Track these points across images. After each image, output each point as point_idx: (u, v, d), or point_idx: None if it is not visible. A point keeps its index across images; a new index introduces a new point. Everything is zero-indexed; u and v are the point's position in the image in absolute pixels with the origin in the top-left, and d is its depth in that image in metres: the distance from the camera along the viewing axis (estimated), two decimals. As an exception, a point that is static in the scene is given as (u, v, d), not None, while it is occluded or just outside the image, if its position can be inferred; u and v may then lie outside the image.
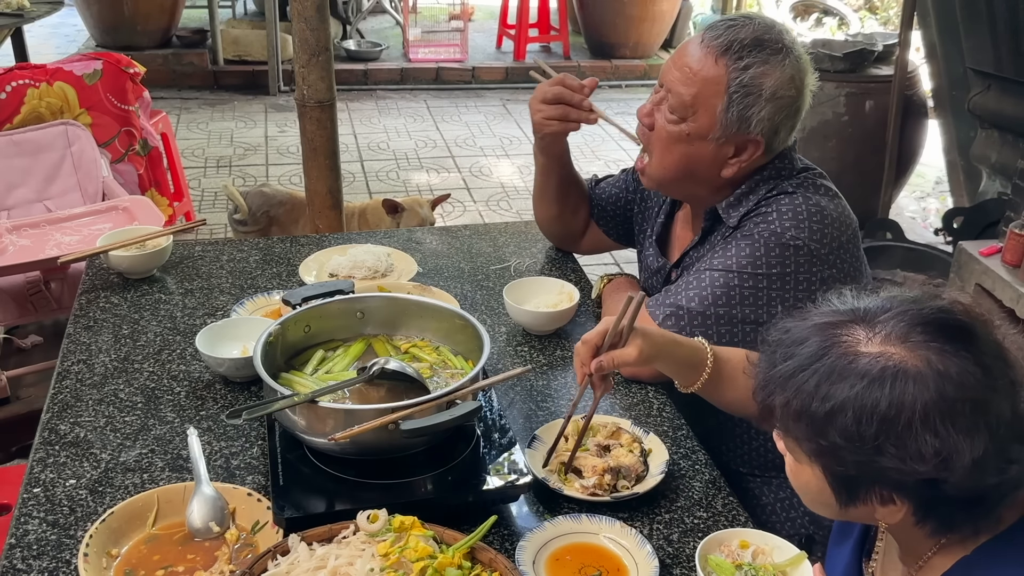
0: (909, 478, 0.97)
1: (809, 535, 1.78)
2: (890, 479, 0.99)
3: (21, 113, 3.28)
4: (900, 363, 0.97)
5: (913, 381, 0.96)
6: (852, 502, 1.04)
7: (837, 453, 0.99)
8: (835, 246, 1.65)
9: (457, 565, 1.16)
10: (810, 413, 1.00)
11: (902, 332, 1.00)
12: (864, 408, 0.96)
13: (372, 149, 6.11)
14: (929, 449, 0.95)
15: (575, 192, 2.10)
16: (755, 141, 1.65)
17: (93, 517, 1.35)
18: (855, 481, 1.02)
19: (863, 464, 0.98)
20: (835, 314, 1.05)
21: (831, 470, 1.03)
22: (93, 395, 1.66)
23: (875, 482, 1.00)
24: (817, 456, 1.03)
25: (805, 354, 1.02)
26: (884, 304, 1.04)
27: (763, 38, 1.61)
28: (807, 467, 1.06)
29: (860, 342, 1.01)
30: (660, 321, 1.68)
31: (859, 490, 1.02)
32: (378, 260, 2.09)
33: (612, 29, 7.73)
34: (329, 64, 2.99)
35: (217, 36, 7.16)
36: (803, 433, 1.02)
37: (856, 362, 0.99)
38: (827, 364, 1.00)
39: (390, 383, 1.45)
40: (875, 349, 0.99)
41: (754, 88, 1.60)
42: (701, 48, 1.63)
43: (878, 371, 0.97)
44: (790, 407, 1.02)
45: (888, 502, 1.02)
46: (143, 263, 2.08)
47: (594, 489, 1.42)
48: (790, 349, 1.04)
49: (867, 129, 4.54)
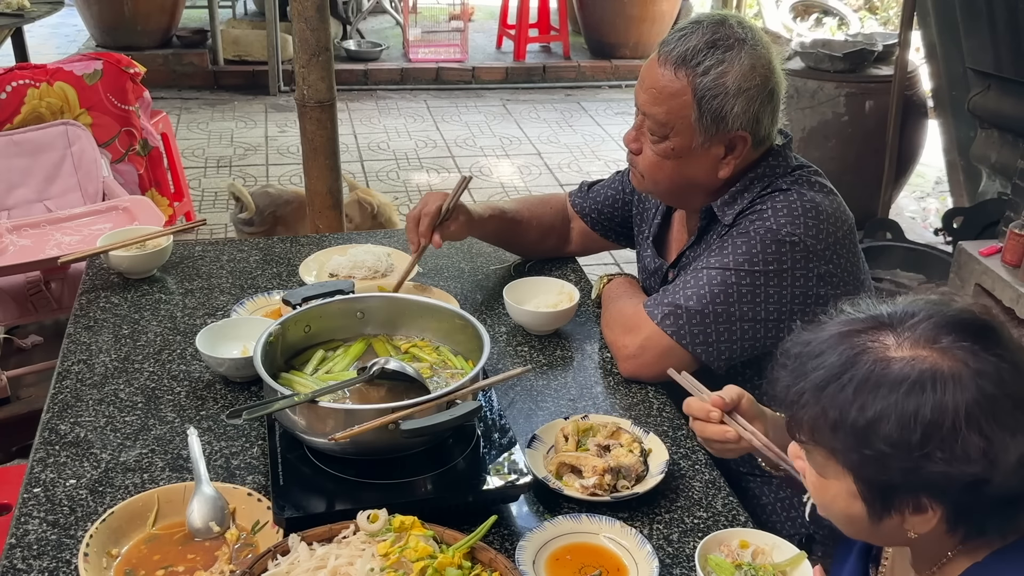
0: (955, 482, 0.95)
1: (809, 535, 1.78)
2: (934, 484, 0.97)
3: (21, 113, 3.28)
4: (935, 366, 0.96)
5: (952, 383, 0.95)
6: (885, 513, 1.01)
7: (881, 462, 0.97)
8: (831, 241, 1.65)
9: (457, 565, 1.16)
10: (850, 424, 0.97)
11: (931, 335, 0.99)
12: (907, 414, 0.95)
13: (372, 149, 6.11)
14: (976, 450, 0.93)
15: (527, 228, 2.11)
16: (740, 136, 1.65)
17: (93, 517, 1.35)
18: (894, 490, 0.99)
19: (909, 471, 0.96)
20: (855, 322, 1.04)
21: (869, 481, 1.00)
22: (93, 395, 1.67)
23: (916, 488, 0.98)
24: (857, 468, 1.00)
25: (834, 364, 1.00)
26: (907, 308, 1.03)
27: (714, 39, 1.61)
28: (835, 481, 1.04)
29: (889, 348, 0.99)
30: (659, 320, 1.69)
31: (895, 499, 1.00)
32: (378, 260, 2.09)
33: (612, 29, 7.73)
34: (329, 64, 2.99)
35: (217, 36, 7.16)
36: (843, 444, 0.99)
37: (889, 368, 0.97)
38: (860, 372, 0.98)
39: (390, 383, 1.45)
40: (907, 354, 0.98)
41: (718, 89, 1.60)
42: (659, 65, 1.65)
43: (916, 375, 0.96)
44: (826, 419, 1.00)
45: (922, 510, 0.99)
46: (143, 263, 2.08)
47: (594, 489, 1.42)
48: (815, 360, 1.02)
49: (867, 129, 4.54)
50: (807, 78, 4.61)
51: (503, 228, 2.08)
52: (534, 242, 2.15)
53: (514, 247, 2.19)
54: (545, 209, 2.15)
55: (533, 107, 7.17)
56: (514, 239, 2.13)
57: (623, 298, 1.86)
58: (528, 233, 2.12)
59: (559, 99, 7.40)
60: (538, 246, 2.17)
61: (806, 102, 4.60)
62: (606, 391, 1.75)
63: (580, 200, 2.14)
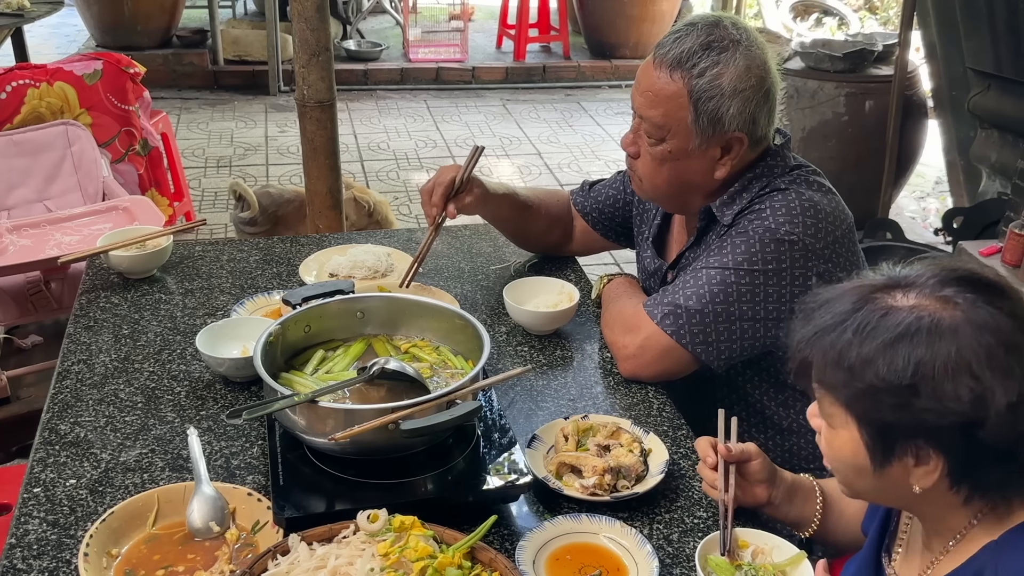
0: (946, 421, 0.99)
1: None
2: (927, 425, 1.00)
3: (21, 113, 3.28)
4: (934, 313, 1.01)
5: (948, 329, 0.99)
6: (888, 460, 1.05)
7: (875, 397, 1.02)
8: (830, 240, 1.66)
9: (457, 565, 1.16)
10: (849, 360, 1.03)
11: (935, 287, 1.04)
12: (901, 354, 1.00)
13: (372, 149, 6.11)
14: (966, 390, 0.97)
15: (537, 215, 2.10)
16: (737, 137, 1.65)
17: (93, 517, 1.35)
18: (892, 432, 1.03)
19: (900, 407, 1.00)
20: (869, 279, 1.10)
21: (867, 419, 1.05)
22: (93, 395, 1.67)
23: (912, 432, 1.02)
24: (854, 404, 1.05)
25: (841, 311, 1.06)
26: (918, 270, 1.09)
27: (709, 40, 1.62)
28: (842, 431, 1.08)
29: (895, 299, 1.05)
30: (659, 320, 1.69)
31: (895, 444, 1.04)
32: (378, 260, 2.09)
33: (612, 29, 7.73)
34: (329, 64, 2.99)
35: (217, 36, 7.16)
36: (841, 380, 1.05)
37: (890, 315, 1.02)
38: (862, 317, 1.04)
39: (390, 383, 1.45)
40: (910, 303, 1.03)
41: (714, 90, 1.61)
42: (655, 68, 1.65)
43: (913, 320, 1.01)
44: (828, 356, 1.05)
45: (923, 461, 1.03)
46: (143, 263, 2.08)
47: (594, 489, 1.42)
48: (826, 309, 1.08)
49: (867, 129, 4.54)
50: (807, 78, 4.61)
51: (515, 211, 2.07)
52: (541, 232, 2.15)
53: (521, 235, 2.18)
54: (553, 200, 2.15)
55: (533, 107, 7.17)
56: (523, 224, 2.12)
57: (623, 298, 1.86)
58: (537, 221, 2.11)
59: (559, 99, 7.40)
60: (544, 238, 2.17)
61: (806, 102, 4.60)
62: (606, 391, 1.75)
63: (581, 199, 2.14)
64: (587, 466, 1.45)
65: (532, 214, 2.10)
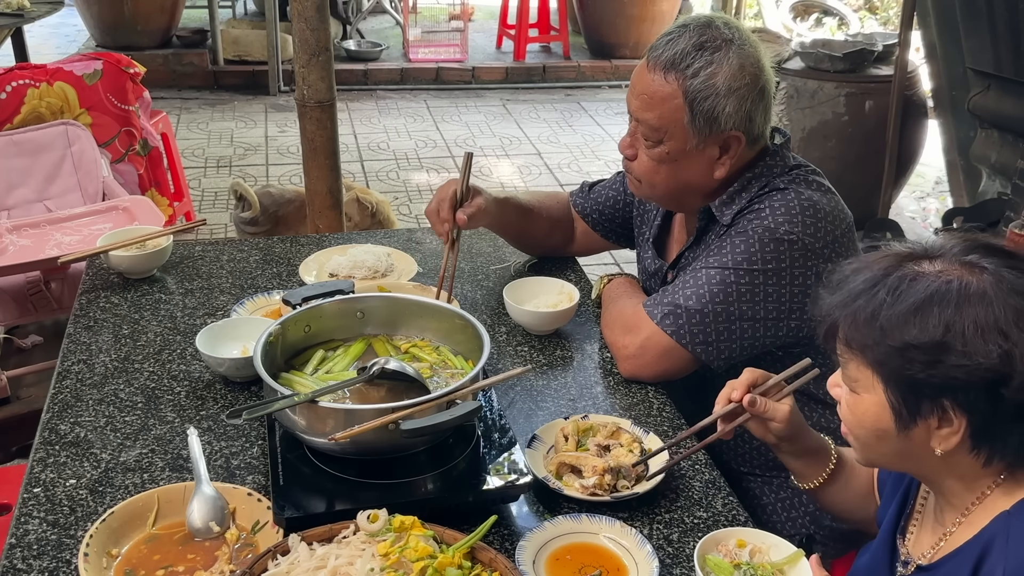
0: (974, 378, 1.02)
1: (810, 535, 1.78)
2: (955, 382, 1.03)
3: (21, 113, 3.28)
4: (962, 278, 1.05)
5: (977, 292, 1.03)
6: (912, 421, 1.08)
7: (906, 355, 1.05)
8: (829, 239, 1.66)
9: (457, 565, 1.16)
10: (881, 319, 1.06)
11: (959, 254, 1.08)
12: (931, 314, 1.03)
13: (372, 149, 6.11)
14: (996, 347, 1.01)
15: (538, 219, 2.11)
16: (734, 136, 1.66)
17: (93, 517, 1.35)
18: (918, 390, 1.06)
19: (930, 364, 1.03)
20: (899, 249, 1.13)
21: (895, 377, 1.07)
22: (93, 395, 1.67)
23: (939, 391, 1.04)
24: (884, 363, 1.07)
25: (870, 277, 1.10)
26: (941, 239, 1.13)
27: (702, 41, 1.62)
28: (867, 395, 1.11)
29: (922, 266, 1.08)
30: (659, 320, 1.69)
31: (920, 405, 1.06)
32: (378, 260, 2.09)
33: (612, 29, 7.73)
34: (329, 64, 2.99)
35: (217, 36, 7.16)
36: (873, 338, 1.07)
37: (919, 279, 1.06)
38: (892, 281, 1.08)
39: (390, 383, 1.45)
40: (936, 269, 1.07)
41: (709, 90, 1.61)
42: (649, 71, 1.66)
43: (942, 284, 1.05)
44: (860, 316, 1.09)
45: (947, 423, 1.06)
46: (143, 263, 2.08)
47: (594, 489, 1.43)
48: (855, 276, 1.12)
49: (867, 129, 4.54)
50: (807, 78, 4.61)
51: (517, 216, 2.07)
52: (543, 235, 2.15)
53: (523, 239, 2.18)
54: (552, 202, 2.16)
55: (533, 107, 7.17)
56: (525, 228, 2.12)
57: (623, 298, 1.86)
58: (538, 224, 2.12)
59: (559, 99, 7.40)
60: (546, 240, 2.17)
61: (806, 102, 4.60)
62: (606, 391, 1.75)
63: (581, 200, 2.14)
64: (587, 466, 1.46)
65: (534, 218, 2.10)
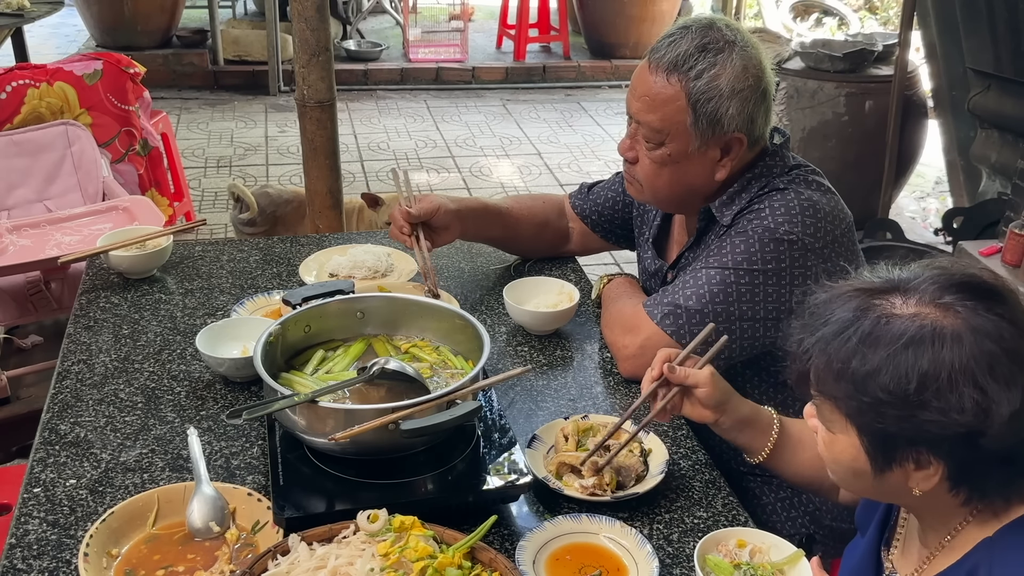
0: (949, 431, 0.99)
1: (809, 535, 1.78)
2: (930, 435, 1.00)
3: (21, 113, 3.28)
4: (936, 322, 1.00)
5: (951, 338, 0.99)
6: (888, 466, 1.05)
7: (879, 409, 1.01)
8: (829, 239, 1.66)
9: (457, 565, 1.16)
10: (851, 371, 1.02)
11: (935, 293, 1.04)
12: (904, 365, 0.99)
13: (372, 149, 6.11)
14: (970, 401, 0.97)
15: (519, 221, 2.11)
16: (736, 138, 1.66)
17: (93, 517, 1.35)
18: (893, 441, 1.03)
19: (903, 419, 1.00)
20: (868, 283, 1.09)
21: (870, 430, 1.04)
22: (93, 395, 1.67)
23: (914, 441, 1.02)
24: (857, 415, 1.04)
25: (842, 319, 1.05)
26: (916, 273, 1.08)
27: (704, 42, 1.62)
28: (842, 436, 1.08)
29: (895, 306, 1.04)
30: (659, 320, 1.69)
31: (896, 452, 1.04)
32: (378, 260, 2.09)
33: (612, 29, 7.73)
34: (329, 64, 2.99)
35: (217, 36, 7.16)
36: (844, 392, 1.04)
37: (892, 323, 1.02)
38: (865, 327, 1.03)
39: (390, 383, 1.45)
40: (911, 311, 1.03)
41: (712, 92, 1.61)
42: (651, 72, 1.65)
43: (916, 330, 1.00)
44: (831, 368, 1.05)
45: (924, 465, 1.03)
46: (143, 263, 2.08)
47: (594, 489, 1.42)
48: (826, 316, 1.08)
49: (867, 129, 4.54)
50: (807, 78, 4.61)
51: (491, 219, 2.07)
52: (530, 237, 2.15)
53: (510, 244, 2.18)
54: (537, 203, 2.15)
55: (533, 107, 7.17)
56: (507, 234, 2.12)
57: (623, 298, 1.86)
58: (521, 227, 2.11)
59: (559, 99, 7.40)
60: (535, 242, 2.17)
61: (806, 102, 4.60)
62: (606, 391, 1.75)
63: (580, 202, 2.14)
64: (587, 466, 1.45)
65: (513, 221, 2.09)
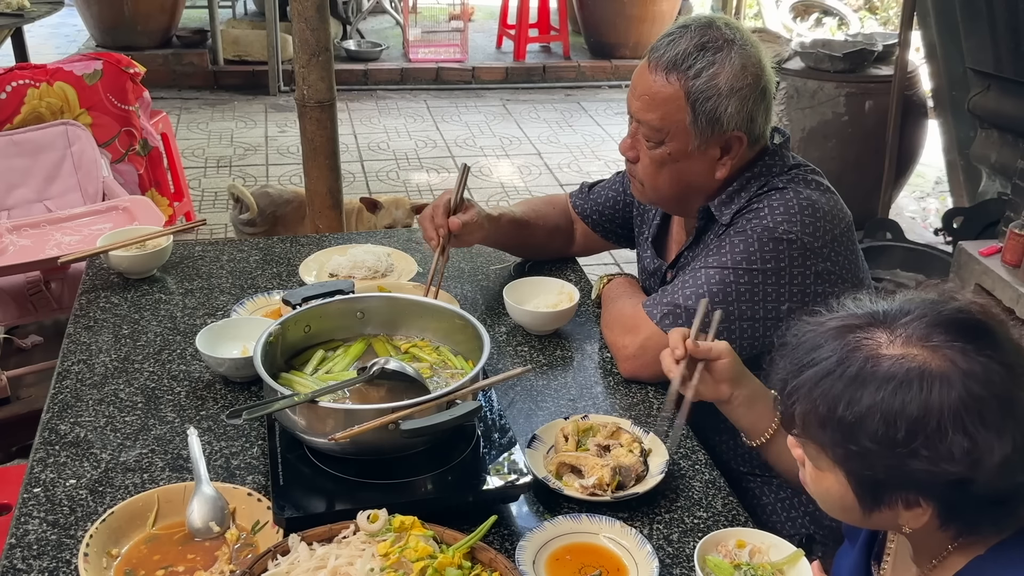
0: (939, 479, 0.96)
1: (809, 535, 1.78)
2: (919, 482, 0.98)
3: (21, 113, 3.28)
4: (924, 365, 0.97)
5: (939, 382, 0.95)
6: (876, 507, 1.03)
7: (867, 458, 0.99)
8: (828, 239, 1.66)
9: (457, 565, 1.16)
10: (837, 419, 0.99)
11: (923, 333, 1.00)
12: (892, 412, 0.96)
13: (372, 149, 6.11)
14: (960, 449, 0.94)
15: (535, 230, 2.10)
16: (736, 137, 1.66)
17: (93, 517, 1.35)
18: (882, 485, 1.01)
19: (892, 468, 0.97)
20: (852, 317, 1.05)
21: (858, 475, 1.02)
22: (93, 395, 1.67)
23: (903, 485, 0.99)
24: (844, 461, 1.02)
25: (827, 360, 1.01)
26: (902, 306, 1.04)
27: (703, 41, 1.62)
28: (828, 473, 1.06)
29: (881, 345, 1.00)
30: (658, 320, 1.69)
31: (885, 494, 1.01)
32: (378, 260, 2.09)
33: (612, 29, 7.73)
34: (329, 64, 2.99)
35: (217, 36, 7.16)
36: (830, 439, 1.01)
37: (879, 365, 0.98)
38: (851, 370, 0.99)
39: (390, 383, 1.45)
40: (897, 351, 0.99)
41: (711, 91, 1.61)
42: (651, 71, 1.65)
43: (903, 374, 0.96)
44: (816, 414, 1.01)
45: (913, 506, 1.01)
46: (143, 263, 2.08)
47: (594, 489, 1.43)
48: (811, 355, 1.04)
49: (867, 129, 4.54)
50: (807, 78, 4.61)
51: (514, 230, 2.07)
52: (542, 244, 2.15)
53: (523, 250, 2.18)
54: (550, 210, 2.15)
55: (533, 107, 7.17)
56: (524, 241, 2.13)
57: (623, 298, 1.86)
58: (536, 235, 2.12)
59: (559, 99, 7.40)
60: (545, 248, 2.17)
61: (806, 102, 4.60)
62: (606, 391, 1.75)
63: (580, 202, 2.14)
64: (587, 466, 1.46)
65: (531, 230, 2.10)
